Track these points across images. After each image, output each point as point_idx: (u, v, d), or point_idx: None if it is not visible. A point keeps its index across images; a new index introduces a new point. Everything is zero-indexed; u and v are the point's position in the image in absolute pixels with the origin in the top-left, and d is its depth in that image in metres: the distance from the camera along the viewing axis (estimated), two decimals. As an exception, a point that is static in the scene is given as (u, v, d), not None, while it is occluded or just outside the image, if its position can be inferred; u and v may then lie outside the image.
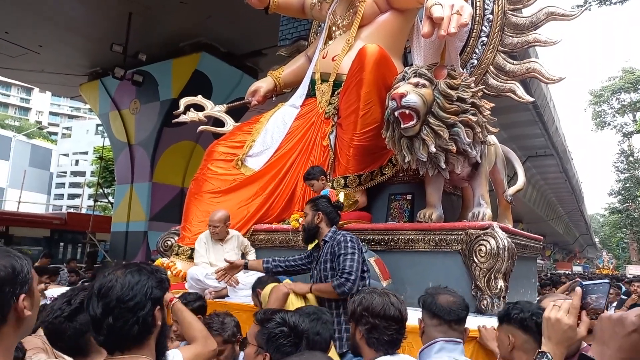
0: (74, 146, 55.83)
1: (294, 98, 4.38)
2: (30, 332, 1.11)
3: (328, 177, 3.63)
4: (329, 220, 2.79)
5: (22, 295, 1.01)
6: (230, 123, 4.76)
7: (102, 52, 10.47)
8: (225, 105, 4.91)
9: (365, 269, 2.69)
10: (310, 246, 2.98)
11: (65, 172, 55.99)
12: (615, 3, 15.80)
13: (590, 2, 15.54)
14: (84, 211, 25.76)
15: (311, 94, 4.30)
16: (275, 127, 4.13)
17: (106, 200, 19.00)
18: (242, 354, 1.78)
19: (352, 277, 2.48)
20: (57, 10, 9.48)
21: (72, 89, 14.05)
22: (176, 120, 4.69)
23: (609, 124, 35.81)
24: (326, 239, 2.74)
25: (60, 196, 54.34)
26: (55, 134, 61.09)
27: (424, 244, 3.31)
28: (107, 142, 14.46)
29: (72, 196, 53.35)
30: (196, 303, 2.76)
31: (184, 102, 4.74)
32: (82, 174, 50.42)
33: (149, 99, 11.23)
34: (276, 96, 4.96)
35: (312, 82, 4.28)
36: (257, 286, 2.81)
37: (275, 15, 4.95)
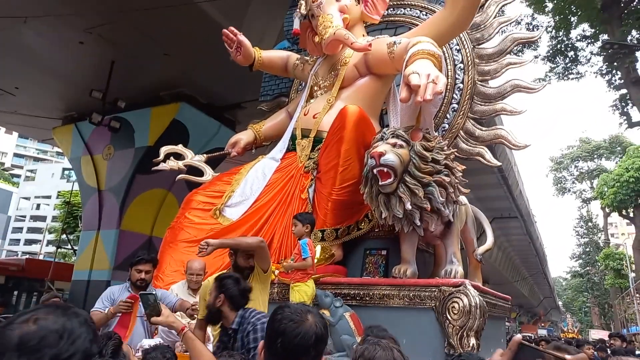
0: (37, 189, 54.06)
1: (275, 151, 4.50)
2: None
3: (314, 233, 3.62)
4: (232, 305, 2.44)
5: None
6: (209, 173, 4.81)
7: (80, 97, 10.48)
8: (205, 155, 4.98)
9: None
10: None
11: (24, 217, 53.76)
12: (572, 79, 17.14)
13: (550, 77, 16.84)
14: (41, 257, 24.57)
15: (291, 148, 4.43)
16: (255, 179, 4.20)
17: (68, 247, 18.26)
18: None
19: None
20: (38, 54, 9.55)
21: (43, 132, 13.84)
22: (156, 168, 4.71)
23: (569, 190, 37.55)
24: (233, 326, 2.38)
25: (16, 241, 51.81)
26: (18, 176, 59.18)
27: (398, 299, 3.36)
28: (76, 187, 14.13)
29: (29, 242, 50.98)
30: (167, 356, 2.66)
31: (164, 150, 4.79)
32: (43, 218, 48.54)
33: (123, 145, 11.17)
34: (256, 149, 5.08)
35: (293, 137, 4.42)
36: None
37: (258, 71, 5.16)
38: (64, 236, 16.15)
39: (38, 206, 54.73)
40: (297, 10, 4.78)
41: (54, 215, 39.47)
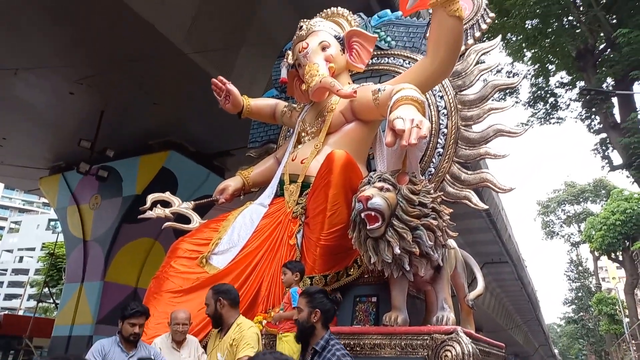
0: (21, 242, 52.83)
1: (263, 197, 4.48)
2: None
3: (302, 281, 3.55)
4: (325, 321, 2.60)
5: None
6: (196, 220, 4.76)
7: (69, 147, 10.50)
8: (192, 202, 4.94)
9: None
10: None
11: (5, 270, 52.21)
12: (554, 123, 17.69)
13: (532, 122, 17.39)
14: (21, 313, 23.68)
15: (279, 193, 4.42)
16: (242, 225, 4.15)
17: (50, 301, 17.66)
18: None
19: None
20: (28, 104, 9.63)
21: (30, 182, 13.74)
22: (142, 216, 4.65)
23: (558, 234, 37.75)
24: (317, 347, 2.52)
25: (-5, 296, 50.06)
26: (2, 228, 57.96)
27: (389, 349, 3.24)
28: (61, 238, 13.87)
29: (9, 296, 49.24)
30: None
31: (151, 198, 4.75)
32: (25, 271, 47.18)
33: (111, 195, 11.09)
34: (244, 195, 5.06)
35: (281, 183, 4.43)
36: None
37: (246, 119, 5.24)
38: (45, 290, 15.64)
39: (21, 259, 53.33)
40: (285, 59, 4.92)
41: (37, 268, 38.44)
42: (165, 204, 4.85)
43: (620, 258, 21.96)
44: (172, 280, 3.98)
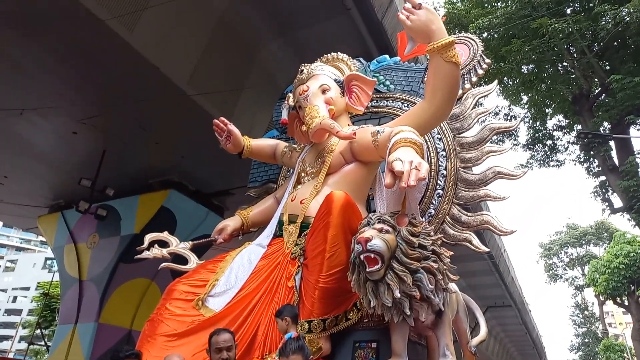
0: (16, 281, 52.00)
1: (261, 237, 4.43)
2: None
3: (298, 323, 3.48)
4: None
5: None
6: (194, 260, 4.70)
7: (69, 185, 10.54)
8: (190, 242, 4.89)
9: None
10: None
11: (-2, 310, 51.17)
12: (553, 166, 17.82)
13: (531, 164, 17.52)
14: (11, 356, 23.02)
15: (278, 234, 4.38)
16: (240, 266, 4.09)
17: (42, 343, 17.20)
18: None
19: None
20: (30, 144, 9.73)
21: (28, 220, 13.68)
22: (139, 256, 4.60)
23: (561, 277, 37.16)
24: None
25: (-14, 337, 48.73)
26: (-2, 266, 57.25)
27: (390, 399, 3.13)
28: (56, 277, 13.67)
29: (0, 338, 47.98)
30: None
31: (148, 238, 4.70)
32: (19, 312, 46.17)
33: (109, 234, 11.02)
34: (242, 235, 5.02)
35: (280, 223, 4.40)
36: None
37: (246, 159, 5.27)
38: (38, 331, 15.26)
39: (15, 299, 52.33)
40: (285, 101, 5.01)
41: (30, 309, 37.65)
42: (163, 243, 4.80)
43: (626, 303, 21.50)
44: (166, 323, 3.87)
